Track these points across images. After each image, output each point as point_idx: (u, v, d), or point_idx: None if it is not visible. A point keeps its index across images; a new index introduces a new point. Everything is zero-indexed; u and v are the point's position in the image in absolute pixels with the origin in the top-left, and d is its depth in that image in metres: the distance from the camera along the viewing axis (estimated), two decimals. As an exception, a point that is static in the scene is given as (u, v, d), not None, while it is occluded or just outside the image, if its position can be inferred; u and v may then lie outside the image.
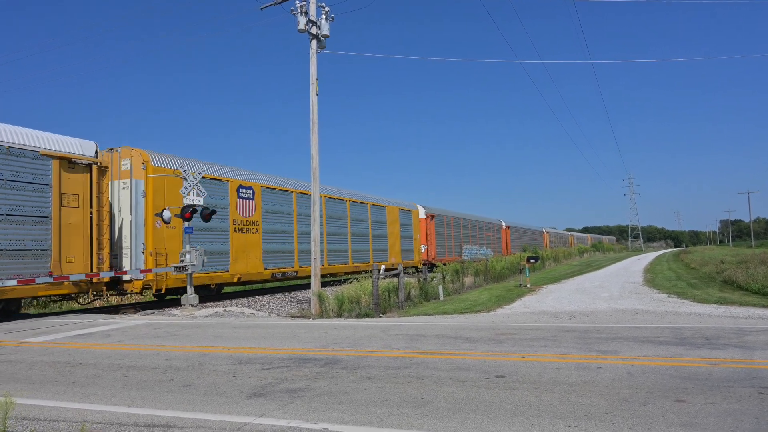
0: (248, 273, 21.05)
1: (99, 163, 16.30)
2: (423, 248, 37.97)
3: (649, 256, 60.56)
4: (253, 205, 21.53)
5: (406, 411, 5.16)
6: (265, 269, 21.92)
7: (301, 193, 24.53)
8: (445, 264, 24.75)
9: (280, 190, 23.54)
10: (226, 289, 24.20)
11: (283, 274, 22.97)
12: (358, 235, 29.56)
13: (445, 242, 41.52)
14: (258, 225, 21.63)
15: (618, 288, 19.30)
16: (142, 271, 16.38)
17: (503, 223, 58.16)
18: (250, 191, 21.52)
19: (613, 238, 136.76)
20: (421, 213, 38.56)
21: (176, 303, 19.19)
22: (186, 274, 16.63)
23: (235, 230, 20.43)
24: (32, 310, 18.49)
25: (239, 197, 20.79)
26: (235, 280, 20.35)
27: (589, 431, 4.48)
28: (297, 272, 23.89)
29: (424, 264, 34.83)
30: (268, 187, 22.76)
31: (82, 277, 15.24)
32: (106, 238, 16.42)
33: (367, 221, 30.72)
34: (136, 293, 18.44)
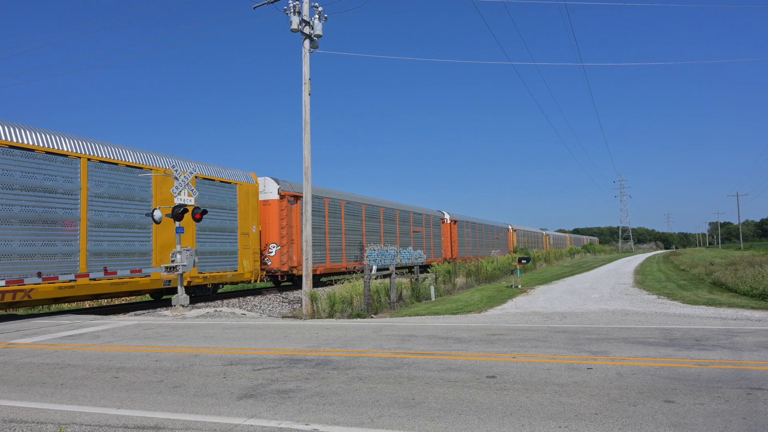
0: None
1: None
2: (274, 249, 23.05)
3: (639, 258, 60.97)
4: None
5: (397, 411, 5.16)
6: None
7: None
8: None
9: None
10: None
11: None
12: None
13: (326, 240, 26.05)
14: None
15: (608, 289, 19.40)
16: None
17: (447, 216, 42.72)
18: None
19: (596, 238, 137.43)
20: (271, 191, 23.26)
21: (167, 303, 19.10)
22: (176, 274, 16.58)
23: None
24: (20, 311, 18.32)
25: None
26: None
27: (580, 431, 4.50)
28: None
29: (274, 274, 23.31)
30: None
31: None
32: None
33: (77, 194, 15.14)
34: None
